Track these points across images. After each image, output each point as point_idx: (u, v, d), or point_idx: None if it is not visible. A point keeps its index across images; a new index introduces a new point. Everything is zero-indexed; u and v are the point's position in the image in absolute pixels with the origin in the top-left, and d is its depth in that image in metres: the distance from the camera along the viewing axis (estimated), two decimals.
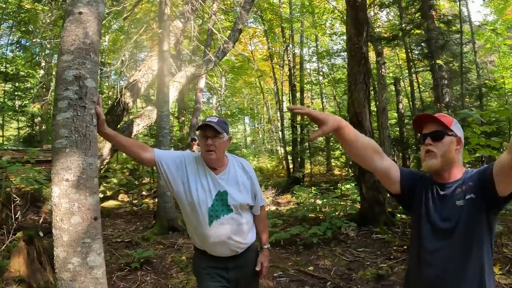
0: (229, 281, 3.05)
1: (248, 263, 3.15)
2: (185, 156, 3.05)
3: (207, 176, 2.97)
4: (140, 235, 8.56)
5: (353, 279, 5.93)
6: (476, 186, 2.09)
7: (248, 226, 3.11)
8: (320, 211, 10.21)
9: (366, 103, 8.86)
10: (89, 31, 2.64)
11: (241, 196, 3.01)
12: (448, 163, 2.22)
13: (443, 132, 2.22)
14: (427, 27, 9.94)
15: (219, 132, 2.91)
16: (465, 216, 2.09)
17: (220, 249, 2.97)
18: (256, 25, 23.26)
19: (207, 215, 2.90)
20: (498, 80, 19.42)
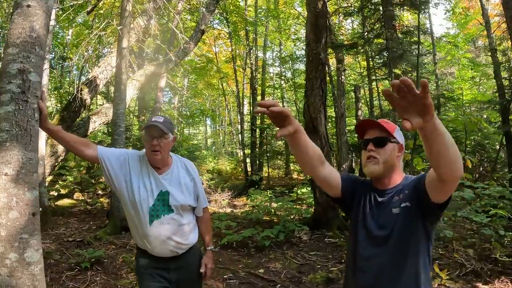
0: (170, 282, 3.04)
1: (190, 265, 3.14)
2: (129, 154, 3.03)
3: (150, 175, 2.96)
4: (92, 235, 8.43)
5: (303, 282, 6.00)
6: (411, 194, 2.11)
7: (190, 227, 3.10)
8: (275, 214, 10.27)
9: (322, 108, 8.96)
10: (36, 24, 2.60)
11: (182, 197, 3.00)
12: (390, 170, 2.24)
13: (386, 139, 2.23)
14: (386, 37, 10.13)
15: (165, 132, 2.91)
16: (400, 224, 2.11)
17: (160, 249, 2.95)
18: (222, 27, 23.21)
19: (148, 214, 2.89)
20: (457, 91, 19.95)
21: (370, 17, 12.71)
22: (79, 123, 11.11)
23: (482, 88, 24.97)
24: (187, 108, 29.70)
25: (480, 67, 21.08)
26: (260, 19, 21.33)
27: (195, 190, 3.13)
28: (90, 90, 11.32)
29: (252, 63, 20.98)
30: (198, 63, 23.76)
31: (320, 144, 8.91)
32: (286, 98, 26.40)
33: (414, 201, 2.09)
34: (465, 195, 7.74)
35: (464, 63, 21.35)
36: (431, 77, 19.09)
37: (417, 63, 9.33)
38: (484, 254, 6.76)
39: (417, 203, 2.08)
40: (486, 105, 16.71)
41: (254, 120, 20.67)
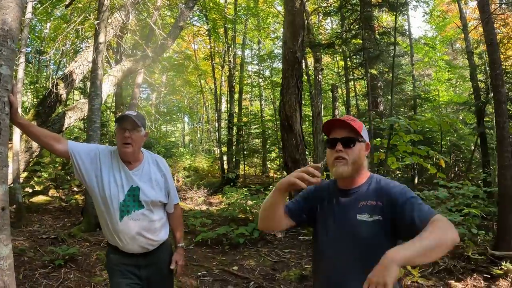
0: (140, 279, 3.03)
1: (160, 261, 3.14)
2: (100, 149, 3.00)
3: (120, 170, 2.94)
4: (66, 232, 8.31)
5: (276, 279, 6.02)
6: (387, 213, 2.06)
7: (160, 223, 3.09)
8: (250, 212, 10.28)
9: (298, 107, 9.00)
10: (8, 17, 2.56)
11: (153, 193, 2.99)
12: (357, 169, 2.19)
13: (355, 139, 2.17)
14: (363, 37, 10.21)
15: (138, 125, 2.89)
16: (365, 232, 2.07)
17: (130, 245, 2.94)
18: (201, 24, 23.13)
19: (118, 210, 2.88)
20: (433, 92, 20.23)
21: (348, 17, 12.79)
22: (54, 119, 10.95)
23: (458, 90, 25.34)
24: (165, 105, 29.52)
25: (456, 69, 21.39)
26: (240, 17, 21.32)
27: (166, 186, 3.11)
28: (66, 85, 11.16)
29: (231, 60, 20.95)
30: (177, 60, 23.64)
31: (295, 142, 8.96)
32: (264, 96, 26.46)
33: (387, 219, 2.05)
34: (439, 194, 7.87)
35: (441, 65, 21.60)
36: (408, 78, 19.32)
37: (393, 64, 9.41)
38: (457, 252, 6.86)
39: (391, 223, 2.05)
40: (462, 107, 17.01)
41: (231, 118, 20.65)
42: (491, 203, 8.69)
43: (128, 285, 2.95)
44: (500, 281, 5.76)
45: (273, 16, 21.87)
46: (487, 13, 7.16)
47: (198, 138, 36.66)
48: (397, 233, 2.05)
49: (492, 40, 7.10)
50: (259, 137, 23.11)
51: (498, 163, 7.05)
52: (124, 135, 2.87)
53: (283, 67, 9.34)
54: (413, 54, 20.47)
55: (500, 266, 6.08)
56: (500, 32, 14.43)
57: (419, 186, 15.25)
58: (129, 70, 11.76)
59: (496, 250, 6.60)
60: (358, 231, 2.09)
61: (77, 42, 16.61)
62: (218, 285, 5.85)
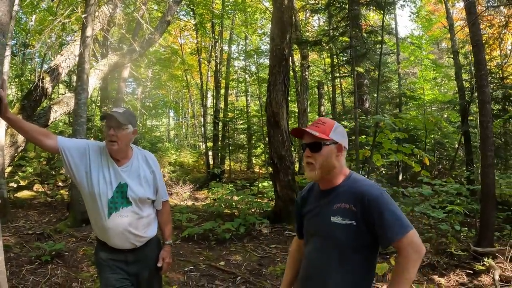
0: (129, 274, 3.04)
1: (149, 258, 3.16)
2: (89, 145, 2.99)
3: (109, 167, 2.95)
4: (52, 227, 8.25)
5: (262, 274, 6.06)
6: (361, 219, 2.07)
7: (149, 220, 3.10)
8: (236, 207, 10.31)
9: (284, 103, 9.02)
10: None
11: (141, 190, 3.00)
12: (329, 172, 2.22)
13: (320, 144, 2.20)
14: (350, 35, 10.25)
15: (122, 123, 2.88)
16: (339, 234, 2.11)
17: (118, 241, 2.95)
18: (188, 18, 23.00)
19: (107, 206, 2.88)
20: (418, 91, 20.38)
21: (336, 15, 12.84)
22: (39, 113, 10.84)
23: (443, 89, 25.54)
24: (150, 100, 29.32)
25: (442, 69, 21.54)
26: (227, 12, 21.25)
27: (154, 183, 3.12)
28: (52, 78, 11.04)
29: (217, 56, 20.89)
30: (163, 54, 23.51)
31: (282, 139, 8.99)
32: (250, 92, 26.44)
33: (363, 226, 2.07)
34: (424, 191, 7.95)
35: (427, 64, 21.75)
36: (393, 76, 19.44)
37: (380, 62, 9.46)
38: (441, 248, 6.96)
39: (366, 228, 2.07)
40: (446, 105, 17.17)
41: (217, 113, 20.61)
42: (474, 201, 8.80)
43: (117, 280, 2.97)
44: (483, 277, 5.85)
45: (260, 12, 21.80)
46: (473, 15, 7.23)
47: (184, 133, 36.49)
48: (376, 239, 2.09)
49: (477, 41, 7.18)
50: (245, 132, 23.11)
51: (482, 162, 7.14)
52: (109, 133, 2.87)
53: (270, 63, 9.34)
54: (399, 52, 20.62)
55: (482, 262, 6.18)
56: (486, 33, 14.57)
57: (403, 183, 15.37)
58: (115, 64, 11.69)
59: (479, 246, 6.70)
60: (332, 233, 2.14)
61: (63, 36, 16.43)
62: (205, 280, 5.86)
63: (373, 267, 2.20)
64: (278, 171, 9.10)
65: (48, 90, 11.08)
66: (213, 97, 22.99)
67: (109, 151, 2.95)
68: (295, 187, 9.17)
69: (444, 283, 5.69)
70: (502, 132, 14.40)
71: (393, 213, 2.02)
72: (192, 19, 22.00)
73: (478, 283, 5.68)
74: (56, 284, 5.56)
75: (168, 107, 30.33)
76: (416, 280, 5.73)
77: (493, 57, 15.91)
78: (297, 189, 9.25)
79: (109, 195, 2.89)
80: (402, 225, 2.00)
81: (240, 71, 24.61)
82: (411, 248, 1.96)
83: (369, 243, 2.10)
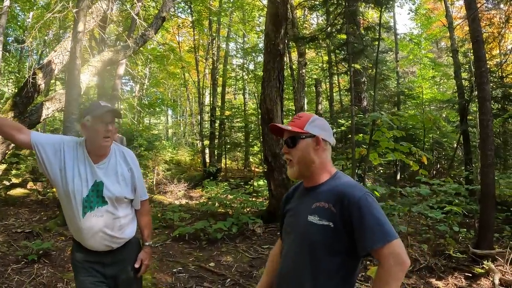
0: (106, 277, 2.91)
1: (127, 259, 3.02)
2: (64, 141, 2.84)
3: (86, 164, 2.80)
4: (42, 226, 8.16)
5: (253, 276, 5.95)
6: (339, 221, 1.92)
7: (126, 220, 2.96)
8: (230, 206, 10.20)
9: (279, 100, 8.88)
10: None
11: (118, 189, 2.86)
12: (307, 167, 2.12)
13: (295, 138, 2.11)
14: (346, 31, 10.12)
15: (117, 118, 2.85)
16: (314, 234, 1.97)
17: (93, 242, 2.81)
18: (186, 15, 22.96)
19: (81, 205, 2.74)
20: (417, 89, 20.37)
21: (333, 11, 12.71)
22: (32, 109, 10.69)
23: (442, 88, 25.53)
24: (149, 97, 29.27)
25: (441, 67, 21.54)
26: (225, 9, 21.19)
27: (132, 181, 2.97)
28: (45, 75, 10.89)
29: (214, 53, 20.85)
30: (160, 51, 23.46)
31: (276, 136, 8.85)
32: (248, 90, 26.43)
33: (341, 229, 1.91)
34: (421, 191, 7.84)
35: (426, 63, 21.74)
36: (392, 75, 19.40)
37: (376, 59, 9.33)
38: (439, 249, 6.88)
39: (345, 233, 1.91)
40: (445, 104, 17.12)
41: (213, 111, 20.57)
42: (473, 201, 8.72)
43: (92, 283, 2.84)
44: (482, 280, 5.75)
45: (258, 9, 21.73)
46: (473, 10, 7.12)
47: (182, 131, 36.57)
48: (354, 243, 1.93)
49: (477, 37, 7.07)
50: (242, 130, 23.08)
51: (481, 161, 7.03)
52: (107, 129, 2.74)
53: (265, 59, 9.21)
54: (398, 51, 20.60)
55: (481, 265, 6.08)
56: (486, 31, 14.48)
57: (402, 182, 15.32)
58: (109, 60, 11.55)
59: (478, 248, 6.59)
60: (308, 233, 2.00)
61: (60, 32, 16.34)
62: (193, 282, 5.74)
63: (353, 273, 2.02)
64: (272, 169, 8.97)
65: (41, 87, 10.92)
66: (210, 95, 22.96)
67: (100, 149, 2.82)
68: (289, 186, 9.01)
69: (442, 286, 5.58)
70: (501, 132, 14.32)
71: (375, 218, 1.84)
72: (189, 16, 21.92)
73: (477, 287, 5.58)
74: (41, 284, 5.46)
75: (166, 105, 30.26)
76: (413, 283, 5.60)
77: (493, 55, 15.81)
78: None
79: (84, 193, 2.74)
80: (384, 233, 1.81)
81: (237, 69, 24.50)
82: (393, 260, 1.76)
83: (348, 248, 1.92)
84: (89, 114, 2.76)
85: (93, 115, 2.75)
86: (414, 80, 23.08)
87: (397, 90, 18.76)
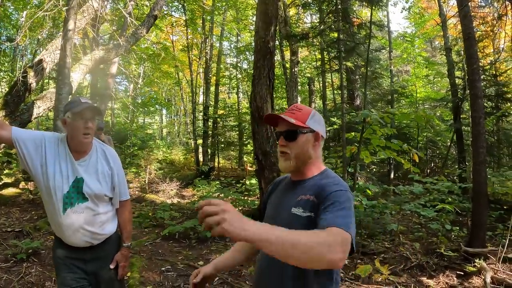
0: (87, 273, 2.90)
1: (108, 255, 3.01)
2: (46, 137, 2.81)
3: (67, 160, 2.78)
4: (32, 225, 8.11)
5: (242, 275, 5.92)
6: (316, 210, 1.87)
7: (107, 217, 2.95)
8: None
9: (269, 98, 8.82)
10: None
11: (98, 186, 2.85)
12: (304, 162, 2.06)
13: (297, 132, 2.04)
14: (338, 28, 10.11)
15: (98, 114, 2.82)
16: (297, 226, 1.81)
17: (73, 238, 2.79)
18: (180, 14, 22.91)
19: (62, 202, 2.73)
20: (411, 88, 20.40)
21: (325, 9, 12.72)
22: (23, 108, 10.64)
23: (435, 87, 25.59)
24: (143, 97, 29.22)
25: (434, 66, 21.58)
26: (218, 8, 21.15)
27: (112, 180, 2.96)
28: (36, 73, 10.83)
29: (207, 52, 20.81)
30: (153, 50, 23.42)
31: (266, 134, 8.81)
32: (241, 89, 26.46)
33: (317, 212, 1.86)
34: (414, 189, 7.85)
35: (419, 62, 21.78)
36: (385, 73, 19.41)
37: (367, 57, 9.33)
38: (431, 248, 6.86)
39: None
40: (439, 103, 17.15)
41: (206, 110, 20.53)
42: (466, 199, 8.71)
43: (73, 279, 2.83)
44: (474, 279, 5.73)
45: (251, 8, 21.71)
46: (465, 7, 7.12)
47: (176, 131, 36.59)
48: None
49: (469, 34, 7.08)
50: (235, 129, 23.07)
51: (473, 159, 7.03)
52: (87, 126, 2.74)
53: (255, 57, 9.15)
54: (391, 49, 20.61)
55: (473, 263, 6.06)
56: (479, 30, 14.51)
57: (395, 181, 15.34)
58: (101, 59, 11.51)
59: (470, 246, 6.59)
60: (291, 224, 1.86)
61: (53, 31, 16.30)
62: (181, 281, 5.72)
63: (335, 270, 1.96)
64: (263, 167, 8.91)
65: (32, 85, 10.86)
66: (203, 94, 22.94)
67: (81, 145, 2.80)
68: None
69: (433, 285, 5.55)
70: (495, 130, 14.35)
71: (343, 210, 1.76)
72: (183, 15, 21.87)
73: (468, 285, 5.56)
74: (29, 283, 5.42)
75: (160, 104, 30.25)
76: (403, 282, 5.58)
77: (486, 54, 15.86)
78: None
79: (64, 189, 2.73)
80: (343, 222, 1.68)
81: (231, 68, 24.50)
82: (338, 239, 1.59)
83: None
84: (69, 110, 2.75)
85: (73, 112, 2.73)
86: (408, 78, 23.12)
87: (390, 88, 18.78)
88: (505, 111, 13.39)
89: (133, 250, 6.93)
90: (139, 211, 10.18)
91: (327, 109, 18.04)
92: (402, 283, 5.52)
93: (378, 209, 8.40)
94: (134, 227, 8.55)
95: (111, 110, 23.52)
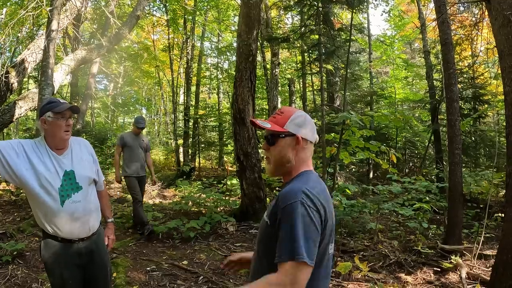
0: (79, 267, 3.08)
1: (99, 248, 3.23)
2: (22, 143, 2.93)
3: (51, 158, 2.94)
4: (16, 227, 8.03)
5: (226, 273, 5.97)
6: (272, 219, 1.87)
7: (95, 206, 3.21)
8: (204, 205, 10.21)
9: (251, 100, 8.92)
10: None
11: (88, 172, 3.12)
12: (283, 166, 2.03)
13: (275, 136, 2.01)
14: (319, 32, 10.25)
15: (76, 113, 3.08)
16: (263, 232, 1.95)
17: (74, 228, 2.97)
18: (161, 14, 22.81)
19: (58, 196, 2.87)
20: (390, 89, 20.61)
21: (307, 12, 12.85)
22: (4, 109, 10.56)
23: (414, 88, 25.86)
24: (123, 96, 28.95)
25: (413, 68, 21.82)
26: (200, 8, 21.13)
27: (95, 165, 3.27)
28: (18, 73, 10.77)
29: (189, 52, 20.77)
30: (134, 50, 23.27)
31: (247, 136, 8.92)
32: (222, 89, 26.50)
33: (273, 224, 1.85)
34: (393, 189, 8.00)
35: (399, 63, 22.02)
36: (365, 75, 19.62)
37: (347, 60, 9.48)
38: (409, 246, 7.00)
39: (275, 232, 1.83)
40: (417, 104, 17.38)
41: (187, 110, 20.49)
42: (443, 198, 8.90)
43: (70, 275, 3.01)
44: (450, 275, 5.89)
45: (233, 9, 21.74)
46: (442, 13, 7.30)
47: (156, 131, 36.41)
48: None
49: (446, 39, 7.26)
50: (216, 130, 23.06)
51: (449, 160, 7.22)
52: (68, 123, 2.96)
53: (237, 59, 9.25)
54: (371, 51, 20.81)
55: (449, 260, 6.23)
56: (458, 33, 14.78)
57: (374, 180, 15.52)
58: (83, 59, 11.49)
59: (446, 244, 6.78)
60: (261, 230, 2.00)
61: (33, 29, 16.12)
62: (167, 280, 5.76)
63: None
64: (244, 168, 9.01)
65: (14, 85, 10.80)
66: (184, 94, 22.87)
67: (61, 142, 3.00)
68: (261, 185, 9.09)
69: (411, 281, 5.69)
70: (472, 131, 14.60)
71: (289, 232, 1.74)
72: (164, 15, 21.80)
73: (445, 281, 5.70)
74: (15, 285, 5.41)
75: (140, 104, 30.07)
76: (382, 278, 5.73)
77: (465, 57, 16.14)
78: (264, 187, 9.20)
79: (57, 184, 2.89)
80: (290, 248, 1.71)
81: (212, 68, 24.47)
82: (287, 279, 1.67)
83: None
84: (50, 111, 2.89)
85: (54, 111, 2.89)
86: (387, 80, 23.33)
87: (370, 90, 18.98)
88: (481, 113, 13.66)
89: (118, 250, 6.96)
90: (121, 212, 10.16)
91: (307, 110, 18.15)
92: (381, 280, 5.65)
93: (357, 208, 8.57)
94: (117, 227, 8.56)
95: (91, 109, 23.32)
